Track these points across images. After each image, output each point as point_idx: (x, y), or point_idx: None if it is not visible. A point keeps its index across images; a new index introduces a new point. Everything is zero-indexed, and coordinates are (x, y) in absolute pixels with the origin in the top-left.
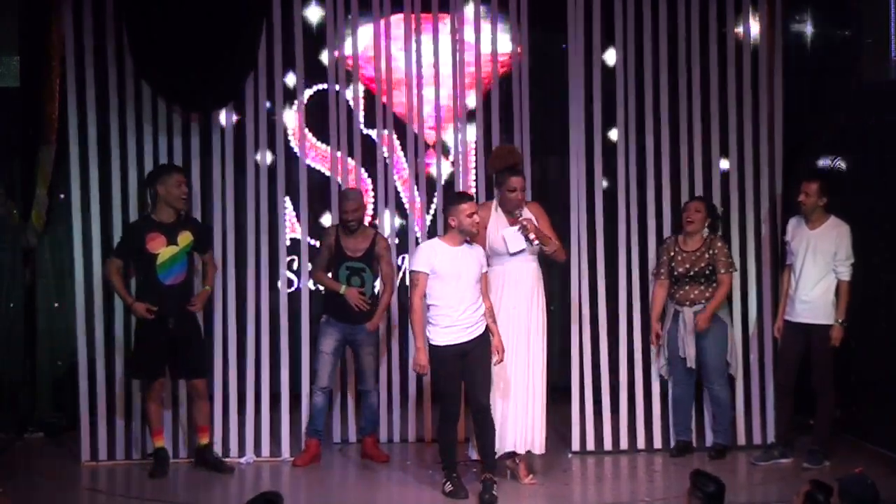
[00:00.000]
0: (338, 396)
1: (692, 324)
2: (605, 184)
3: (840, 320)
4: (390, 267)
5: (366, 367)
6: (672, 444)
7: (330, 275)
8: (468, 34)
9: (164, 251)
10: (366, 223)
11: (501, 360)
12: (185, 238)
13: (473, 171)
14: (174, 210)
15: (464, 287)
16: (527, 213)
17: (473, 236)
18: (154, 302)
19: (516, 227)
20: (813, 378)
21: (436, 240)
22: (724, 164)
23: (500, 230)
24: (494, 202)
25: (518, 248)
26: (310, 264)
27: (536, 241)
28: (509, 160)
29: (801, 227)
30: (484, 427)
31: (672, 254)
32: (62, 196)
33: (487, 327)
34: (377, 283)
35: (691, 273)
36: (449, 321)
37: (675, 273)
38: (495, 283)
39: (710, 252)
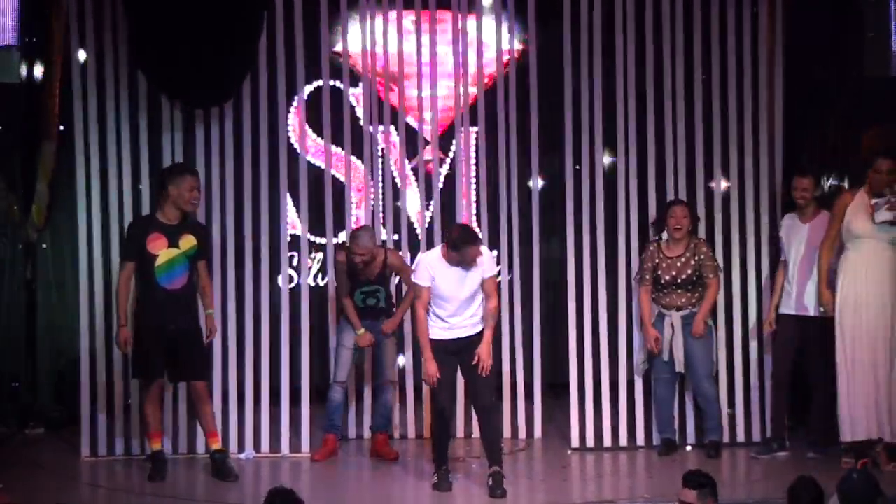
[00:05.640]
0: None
1: (680, 327)
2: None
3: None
4: (407, 275)
5: (385, 359)
6: (656, 442)
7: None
8: (472, 30)
9: (163, 253)
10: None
11: (485, 369)
12: (187, 242)
13: (474, 168)
14: (181, 212)
15: (456, 304)
16: None
17: (471, 267)
18: (155, 305)
19: (885, 199)
20: (811, 370)
21: (437, 254)
22: (723, 158)
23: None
24: (865, 187)
25: (881, 220)
26: (309, 259)
27: None
28: (882, 143)
29: (795, 222)
30: (487, 424)
31: (657, 261)
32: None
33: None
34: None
35: (678, 280)
36: (443, 323)
37: (661, 282)
38: (851, 270)
39: (697, 258)
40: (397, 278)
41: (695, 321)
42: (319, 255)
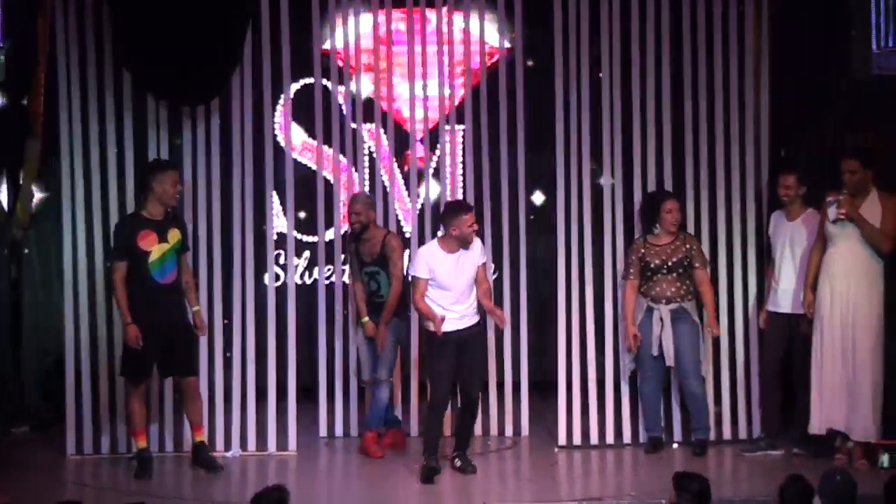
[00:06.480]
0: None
1: (669, 321)
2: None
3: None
4: (396, 267)
5: (382, 357)
6: (642, 440)
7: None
8: (459, 27)
9: (156, 248)
10: (377, 224)
11: (502, 319)
12: (174, 235)
13: (461, 166)
14: (164, 207)
15: (458, 291)
16: (872, 200)
17: (470, 244)
18: (150, 302)
19: (834, 198)
20: (796, 367)
21: (434, 245)
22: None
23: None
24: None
25: (832, 218)
26: (296, 258)
27: (842, 217)
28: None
29: (781, 220)
30: (468, 412)
31: (643, 251)
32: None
33: (484, 318)
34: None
35: (668, 264)
36: (452, 314)
37: (651, 267)
38: (827, 268)
39: (687, 246)
40: None
41: (708, 323)
42: (307, 253)
